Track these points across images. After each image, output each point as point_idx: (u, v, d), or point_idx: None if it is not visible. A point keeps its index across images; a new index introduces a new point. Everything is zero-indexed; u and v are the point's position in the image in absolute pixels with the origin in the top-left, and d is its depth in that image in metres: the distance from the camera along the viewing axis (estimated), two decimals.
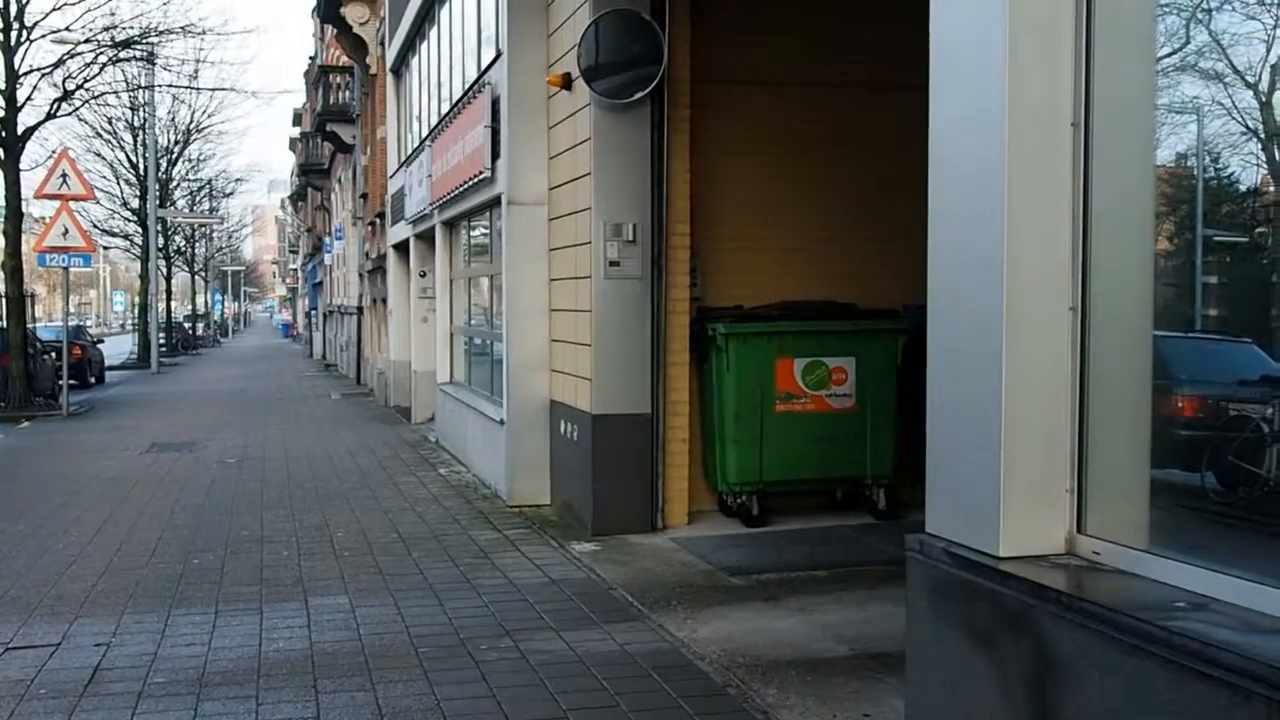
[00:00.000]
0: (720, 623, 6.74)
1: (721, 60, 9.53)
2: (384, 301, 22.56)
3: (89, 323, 69.51)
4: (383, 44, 21.99)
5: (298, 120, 60.19)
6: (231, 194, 61.12)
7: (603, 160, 9.02)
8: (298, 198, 66.09)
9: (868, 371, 9.38)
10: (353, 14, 24.30)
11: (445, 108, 14.36)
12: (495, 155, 10.99)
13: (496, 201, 11.23)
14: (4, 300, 22.78)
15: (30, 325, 22.99)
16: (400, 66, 19.49)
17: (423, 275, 17.75)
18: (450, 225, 14.86)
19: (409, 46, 18.11)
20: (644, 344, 9.10)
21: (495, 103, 10.95)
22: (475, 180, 11.63)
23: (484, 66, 11.88)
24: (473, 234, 14.01)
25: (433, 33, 15.92)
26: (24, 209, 23.04)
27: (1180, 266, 4.22)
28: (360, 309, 28.52)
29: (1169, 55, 3.96)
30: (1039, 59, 3.86)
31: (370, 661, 6.11)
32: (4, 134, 21.58)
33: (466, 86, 12.76)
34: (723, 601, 7.22)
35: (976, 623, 3.94)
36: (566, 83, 9.51)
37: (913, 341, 9.43)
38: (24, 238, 22.86)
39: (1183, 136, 4.07)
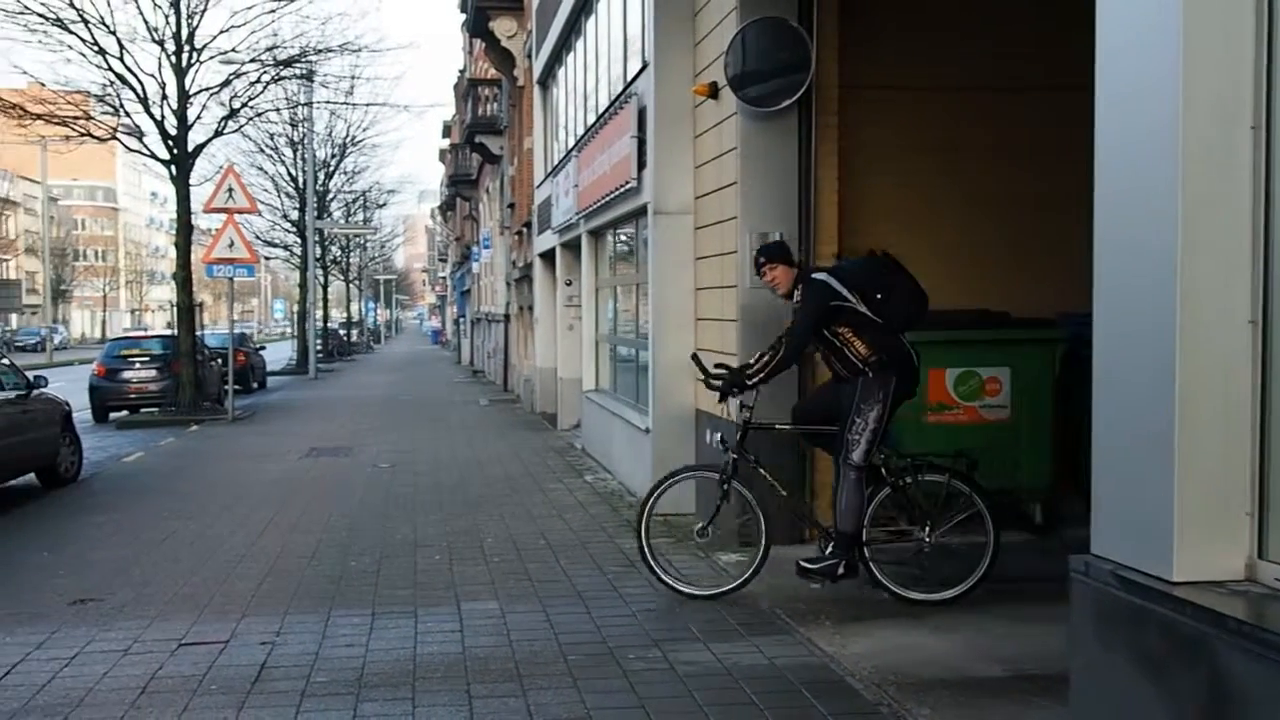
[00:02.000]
0: (870, 639, 6.64)
1: (870, 67, 9.41)
2: (530, 309, 22.86)
3: (252, 329, 71.87)
4: (530, 57, 22.30)
5: (447, 132, 61.41)
6: (384, 205, 62.73)
7: (749, 169, 8.99)
8: (447, 208, 67.39)
9: (1023, 382, 9.16)
10: (501, 28, 24.70)
11: (591, 118, 14.49)
12: (641, 165, 11.05)
13: (642, 211, 11.29)
14: (175, 309, 23.71)
15: (198, 332, 23.87)
16: (547, 78, 19.74)
17: (568, 284, 17.93)
18: (596, 234, 14.99)
19: (555, 59, 18.32)
20: None
21: (641, 113, 11.01)
22: (621, 190, 11.71)
23: (630, 77, 11.96)
24: (618, 243, 14.11)
25: (579, 45, 16.09)
26: (192, 222, 23.97)
27: None
28: (507, 316, 28.95)
29: None
30: (1215, 59, 3.69)
31: (521, 668, 6.18)
32: (176, 151, 22.47)
33: (612, 97, 12.86)
34: (872, 616, 7.11)
35: (1147, 650, 3.79)
36: (713, 92, 9.51)
37: (1070, 352, 9.20)
38: (192, 249, 23.76)
39: None
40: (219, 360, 25.52)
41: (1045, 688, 5.66)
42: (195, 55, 22.68)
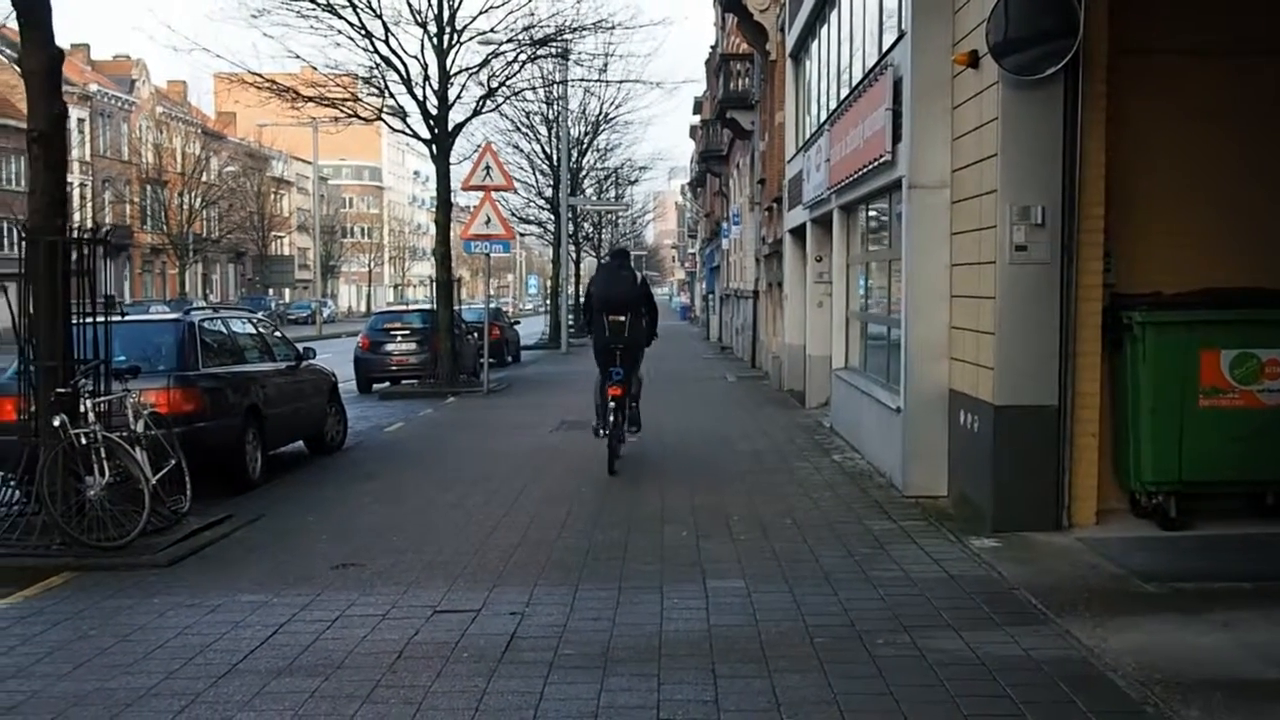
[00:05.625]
0: (1133, 633, 6.30)
1: (1145, 29, 8.88)
2: (779, 286, 22.72)
3: (506, 304, 74.05)
4: (782, 30, 22.09)
5: (698, 108, 61.64)
6: (635, 181, 63.14)
7: (1010, 140, 8.63)
8: (697, 184, 67.70)
9: None
10: (754, 2, 24.54)
11: (844, 92, 14.24)
12: (896, 138, 10.78)
13: (896, 185, 11.02)
14: (434, 284, 24.55)
15: (456, 308, 24.65)
16: (799, 52, 19.51)
17: (819, 260, 17.71)
18: (847, 210, 14.74)
19: (808, 31, 18.08)
20: (1051, 332, 8.65)
21: (897, 84, 10.73)
22: (875, 164, 11.46)
23: (885, 48, 11.67)
24: (870, 218, 13.84)
25: (833, 16, 15.82)
26: (451, 199, 24.77)
27: None
28: (756, 293, 28.87)
29: None
30: None
31: (766, 648, 6.13)
32: (436, 131, 23.24)
33: (867, 69, 12.58)
34: (1135, 610, 6.76)
35: None
36: (973, 61, 9.16)
37: None
38: (451, 226, 24.52)
39: None
40: (475, 335, 26.31)
41: None
42: (456, 36, 23.31)
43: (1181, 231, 9.09)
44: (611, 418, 12.22)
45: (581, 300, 48.68)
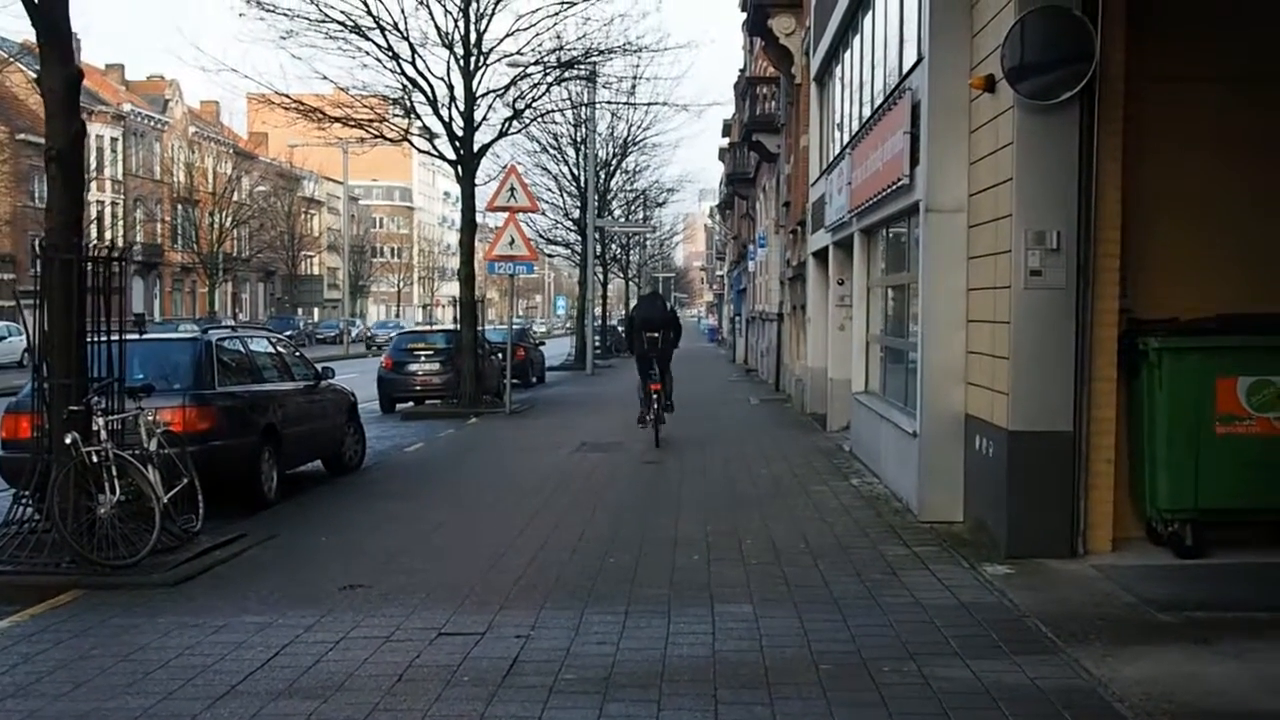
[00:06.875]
0: (1144, 663, 6.21)
1: (1163, 55, 8.81)
2: (803, 309, 22.68)
3: (530, 323, 74.13)
4: (807, 54, 22.09)
5: (727, 131, 61.64)
6: (664, 203, 63.17)
7: (1025, 164, 8.58)
8: (725, 206, 67.72)
9: None
10: (779, 25, 24.57)
11: (866, 114, 14.23)
12: (914, 162, 10.74)
13: (914, 209, 10.98)
14: (459, 304, 24.59)
15: (481, 328, 24.67)
16: (823, 75, 19.51)
17: (840, 283, 17.67)
18: (868, 233, 14.70)
19: (832, 55, 18.08)
20: (1067, 358, 8.58)
21: (915, 108, 10.70)
22: (893, 187, 11.43)
23: (905, 72, 11.65)
24: (890, 242, 13.79)
25: (855, 40, 15.81)
26: (477, 220, 24.80)
27: None
28: (780, 316, 28.82)
29: None
30: None
31: (770, 675, 6.08)
32: (462, 152, 23.31)
33: (887, 93, 12.57)
34: (1147, 639, 6.66)
35: None
36: (989, 85, 9.12)
37: None
38: (478, 247, 24.56)
39: None
40: (499, 355, 26.34)
41: None
42: (482, 58, 23.37)
43: (1198, 257, 9.01)
44: (654, 406, 16.66)
45: (617, 324, 49.38)
